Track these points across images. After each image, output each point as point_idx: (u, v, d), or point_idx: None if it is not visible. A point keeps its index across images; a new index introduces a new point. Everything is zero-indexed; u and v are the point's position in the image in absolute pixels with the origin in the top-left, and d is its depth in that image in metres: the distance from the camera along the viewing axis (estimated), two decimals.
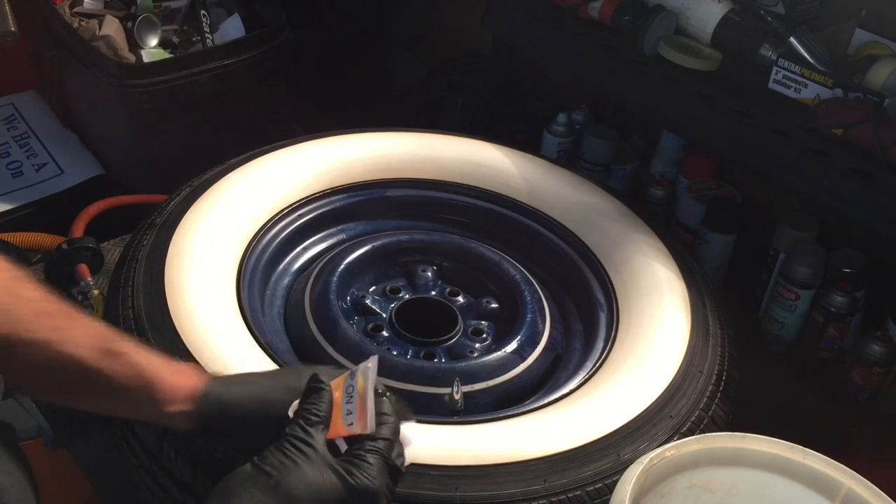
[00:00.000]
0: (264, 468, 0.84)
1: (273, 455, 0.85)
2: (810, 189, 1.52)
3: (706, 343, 1.32)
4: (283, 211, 1.51)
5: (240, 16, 2.17)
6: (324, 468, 0.85)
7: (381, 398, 0.95)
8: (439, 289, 1.52)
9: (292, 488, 0.83)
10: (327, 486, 0.85)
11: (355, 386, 0.93)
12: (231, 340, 1.22)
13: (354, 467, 0.87)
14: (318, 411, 0.90)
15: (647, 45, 1.72)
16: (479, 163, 1.65)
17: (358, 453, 0.88)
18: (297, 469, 0.84)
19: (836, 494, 1.06)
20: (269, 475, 0.84)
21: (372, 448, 0.89)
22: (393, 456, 0.91)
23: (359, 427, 0.91)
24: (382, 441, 0.90)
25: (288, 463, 0.85)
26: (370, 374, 0.95)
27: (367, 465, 0.87)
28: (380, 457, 0.89)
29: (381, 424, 0.92)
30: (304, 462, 0.85)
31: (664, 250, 1.48)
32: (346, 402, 0.92)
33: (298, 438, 0.87)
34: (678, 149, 1.96)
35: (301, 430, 0.88)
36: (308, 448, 0.86)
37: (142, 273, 1.30)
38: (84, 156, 2.20)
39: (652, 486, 1.05)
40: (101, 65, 1.98)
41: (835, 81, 1.52)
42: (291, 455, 0.85)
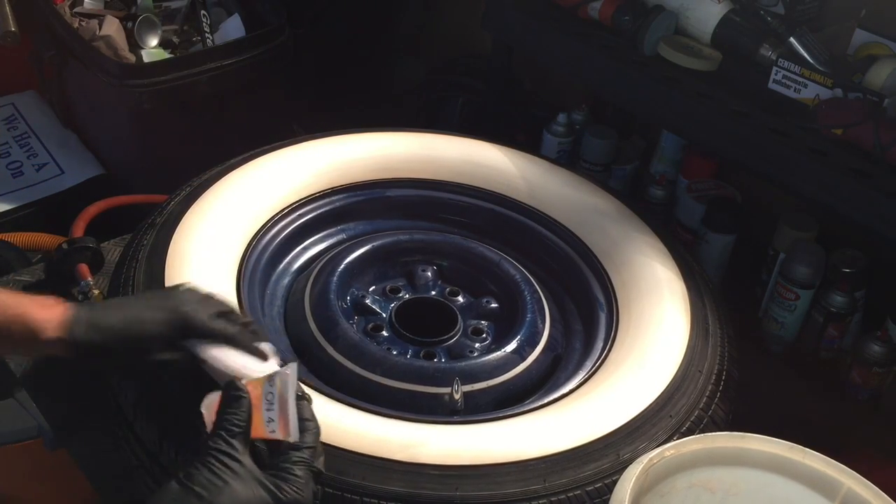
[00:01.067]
0: (193, 488, 0.84)
1: (200, 473, 0.85)
2: (810, 189, 1.52)
3: (706, 343, 1.32)
4: (283, 211, 1.51)
5: (240, 16, 2.17)
6: (253, 484, 0.86)
7: (302, 402, 0.95)
8: (439, 289, 1.52)
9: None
10: (258, 501, 0.85)
11: (275, 392, 0.93)
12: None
13: (283, 481, 0.87)
14: (238, 421, 0.89)
15: (647, 45, 1.72)
16: (479, 163, 1.65)
17: (285, 466, 0.89)
18: (227, 487, 0.84)
19: (836, 494, 1.06)
20: (199, 496, 0.83)
21: (298, 459, 0.90)
22: (316, 461, 0.92)
23: (281, 434, 0.91)
24: (307, 450, 0.91)
25: (217, 482, 0.84)
26: (290, 381, 0.94)
27: (296, 479, 0.88)
28: (306, 467, 0.90)
29: (304, 431, 0.92)
30: (233, 479, 0.85)
31: (664, 250, 1.48)
32: (267, 409, 0.92)
33: (223, 453, 0.87)
34: (678, 149, 1.96)
35: (224, 443, 0.88)
36: (234, 463, 0.86)
37: (142, 273, 1.30)
38: (84, 156, 2.20)
39: (652, 485, 1.05)
40: (101, 65, 1.98)
41: (835, 81, 1.52)
42: (219, 472, 0.85)
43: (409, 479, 1.07)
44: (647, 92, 1.71)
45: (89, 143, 2.23)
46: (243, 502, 0.84)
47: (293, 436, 0.91)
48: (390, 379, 1.28)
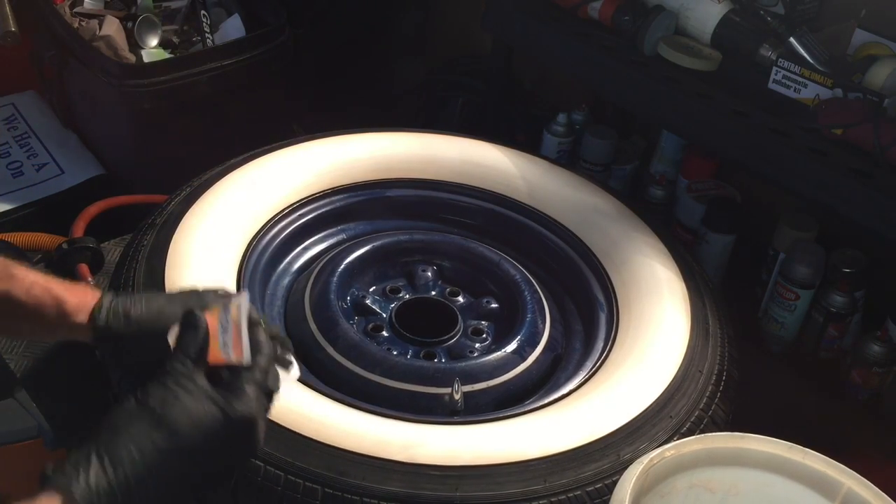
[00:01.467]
0: (149, 402, 0.89)
1: (156, 390, 0.90)
2: (810, 189, 1.52)
3: (706, 343, 1.32)
4: (284, 211, 1.52)
5: (240, 16, 2.17)
6: (204, 400, 0.90)
7: (256, 327, 1.00)
8: (439, 289, 1.52)
9: (176, 420, 0.88)
10: (208, 416, 0.90)
11: (229, 318, 0.99)
12: None
13: (233, 396, 0.92)
14: (194, 344, 0.95)
15: (647, 45, 1.72)
16: (479, 163, 1.65)
17: (236, 383, 0.93)
18: (179, 402, 0.89)
19: (836, 494, 1.06)
20: (153, 410, 0.88)
21: (249, 378, 0.94)
22: (269, 382, 0.96)
23: (234, 356, 0.96)
24: (258, 370, 0.95)
25: (169, 397, 0.89)
26: (243, 306, 1.00)
27: (244, 394, 0.92)
28: (255, 385, 0.94)
29: (256, 353, 0.97)
30: (185, 395, 0.90)
31: (664, 250, 1.48)
32: (223, 333, 0.97)
33: (178, 372, 0.92)
34: (678, 149, 1.96)
35: (180, 364, 0.93)
36: (187, 381, 0.91)
37: (142, 273, 1.30)
38: (84, 156, 2.20)
39: (652, 485, 1.05)
40: (101, 65, 1.98)
41: (834, 81, 1.52)
42: (173, 389, 0.90)
43: (409, 479, 1.07)
44: (647, 92, 1.71)
45: (89, 143, 2.23)
46: (193, 416, 0.89)
47: (246, 358, 0.96)
48: (390, 379, 1.28)
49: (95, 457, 0.85)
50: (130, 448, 0.86)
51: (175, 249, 1.33)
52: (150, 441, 0.87)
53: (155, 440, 0.87)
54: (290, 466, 1.06)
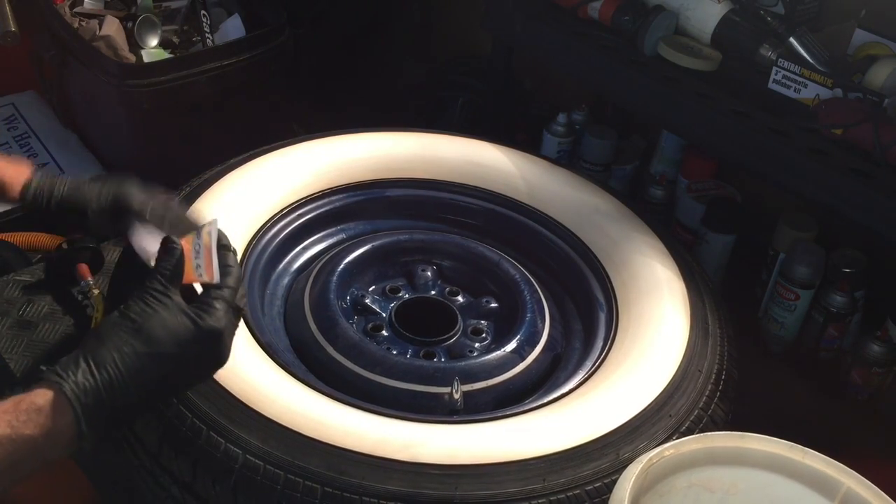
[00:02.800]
0: (130, 315, 1.01)
1: (136, 304, 1.02)
2: (810, 189, 1.52)
3: (706, 343, 1.32)
4: (283, 211, 1.52)
5: (240, 16, 2.17)
6: (178, 313, 1.02)
7: (226, 252, 1.11)
8: (439, 288, 1.52)
9: (153, 330, 1.00)
10: (182, 327, 1.01)
11: (202, 243, 1.10)
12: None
13: (203, 311, 1.03)
14: (170, 266, 1.05)
15: (647, 45, 1.72)
16: (479, 163, 1.65)
17: (206, 300, 1.04)
18: (157, 315, 1.01)
19: (836, 494, 1.06)
20: (133, 321, 1.00)
21: (218, 295, 1.05)
22: (237, 299, 1.07)
23: (207, 277, 1.07)
24: (227, 289, 1.06)
25: (148, 310, 1.01)
26: (213, 232, 1.11)
27: (214, 310, 1.03)
28: (223, 302, 1.04)
29: (225, 275, 1.08)
30: (162, 309, 1.01)
31: (664, 250, 1.48)
32: (195, 257, 1.08)
33: (156, 290, 1.03)
34: (678, 149, 1.96)
35: (158, 283, 1.04)
36: (165, 297, 1.02)
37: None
38: (84, 156, 2.20)
39: (651, 485, 1.05)
40: (101, 65, 1.98)
41: (834, 81, 1.52)
42: (151, 304, 1.02)
43: (409, 479, 1.07)
44: (647, 92, 1.71)
45: (89, 143, 2.23)
46: (168, 326, 1.00)
47: (216, 278, 1.07)
48: (390, 379, 1.28)
49: (83, 360, 0.97)
50: (113, 353, 0.98)
51: None
52: (130, 347, 0.98)
53: (134, 346, 0.99)
54: (290, 465, 1.06)
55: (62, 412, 0.94)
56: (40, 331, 1.52)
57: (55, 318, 1.54)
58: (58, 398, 0.94)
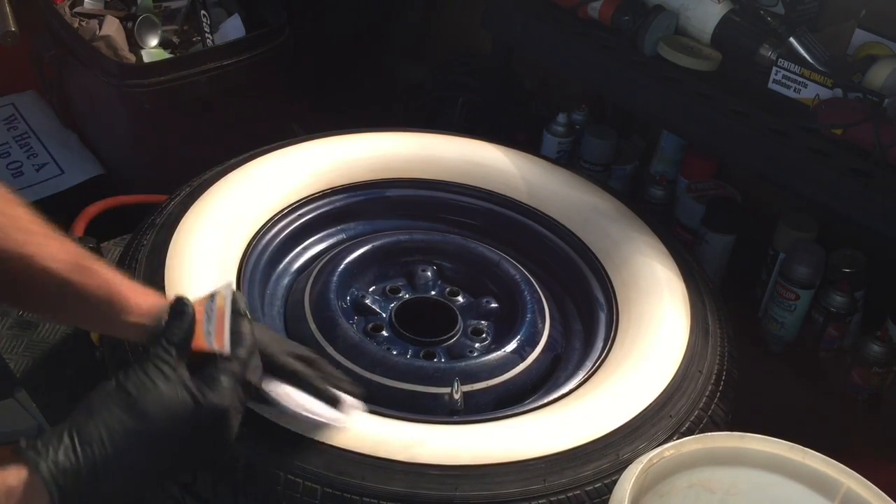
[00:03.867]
0: (126, 386, 0.91)
1: (135, 373, 0.92)
2: (810, 189, 1.52)
3: (706, 343, 1.32)
4: (283, 211, 1.52)
5: (240, 16, 2.17)
6: (179, 387, 0.92)
7: (241, 319, 1.01)
8: (439, 289, 1.52)
9: (148, 407, 0.90)
10: (180, 404, 0.91)
11: (214, 308, 1.00)
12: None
13: (206, 386, 0.93)
14: (178, 331, 0.97)
15: (647, 45, 1.72)
16: (479, 163, 1.65)
17: (211, 373, 0.95)
18: (155, 388, 0.91)
19: (836, 494, 1.06)
20: (128, 394, 0.90)
21: (224, 368, 0.96)
22: (247, 374, 0.98)
23: (216, 345, 0.97)
24: (236, 361, 0.97)
25: (147, 382, 0.91)
26: (228, 296, 1.02)
27: (218, 385, 0.94)
28: (230, 376, 0.95)
29: (237, 344, 0.98)
30: (162, 382, 0.92)
31: (664, 250, 1.48)
32: (207, 322, 0.99)
33: (159, 358, 0.94)
34: (678, 149, 1.96)
35: (163, 350, 0.95)
36: (167, 367, 0.93)
37: (142, 273, 1.30)
38: (84, 156, 2.20)
39: (651, 485, 1.05)
40: (101, 65, 1.98)
41: (834, 81, 1.52)
42: (151, 374, 0.92)
43: (409, 479, 1.07)
44: (647, 92, 1.71)
45: (89, 143, 2.23)
46: (166, 402, 0.91)
47: (226, 348, 0.97)
48: (390, 379, 1.28)
49: (67, 435, 0.87)
50: (101, 430, 0.87)
51: (175, 249, 1.33)
52: (120, 424, 0.88)
53: (125, 423, 0.88)
54: (290, 466, 1.06)
55: (37, 496, 0.83)
56: (40, 331, 1.52)
57: None
58: (33, 479, 0.83)
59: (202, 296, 1.03)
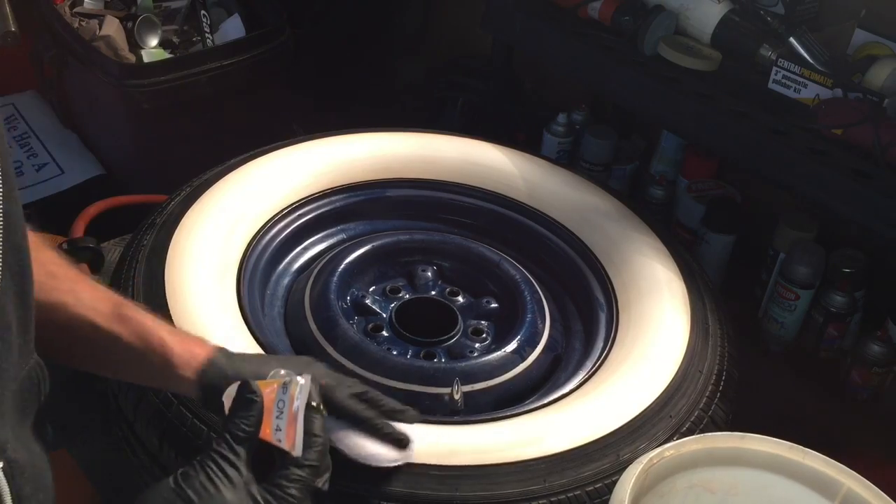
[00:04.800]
0: (186, 491, 0.82)
1: (197, 476, 0.84)
2: (810, 189, 1.52)
3: (706, 343, 1.32)
4: (283, 211, 1.51)
5: (240, 16, 2.17)
6: (245, 497, 0.84)
7: (314, 416, 0.92)
8: (439, 289, 1.51)
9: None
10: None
11: (286, 401, 0.91)
12: (231, 340, 1.21)
13: (275, 499, 0.85)
14: (246, 426, 0.88)
15: (647, 45, 1.72)
16: (479, 163, 1.65)
17: (281, 483, 0.86)
18: (219, 496, 0.83)
19: (836, 494, 1.06)
20: (189, 501, 0.82)
21: (296, 477, 0.87)
22: (317, 481, 0.89)
23: (287, 444, 0.89)
24: (308, 468, 0.88)
25: (210, 487, 0.83)
26: (303, 391, 0.92)
27: (289, 498, 0.86)
28: (303, 486, 0.87)
29: (308, 447, 0.89)
30: (226, 488, 0.83)
31: (664, 250, 1.48)
32: (277, 417, 0.90)
33: (224, 458, 0.85)
34: (678, 149, 1.96)
35: (228, 448, 0.86)
36: (232, 470, 0.85)
37: (142, 273, 1.30)
38: (84, 156, 2.20)
39: (652, 485, 1.05)
40: (101, 65, 1.98)
41: (834, 81, 1.52)
42: (215, 479, 0.83)
43: (409, 479, 1.07)
44: (647, 92, 1.71)
45: (89, 143, 2.23)
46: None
47: (297, 450, 0.89)
48: (390, 379, 1.27)
49: None
50: None
51: (175, 249, 1.33)
52: None
53: None
54: None
55: None
56: None
57: None
58: None
59: (271, 377, 0.94)
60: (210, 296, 1.28)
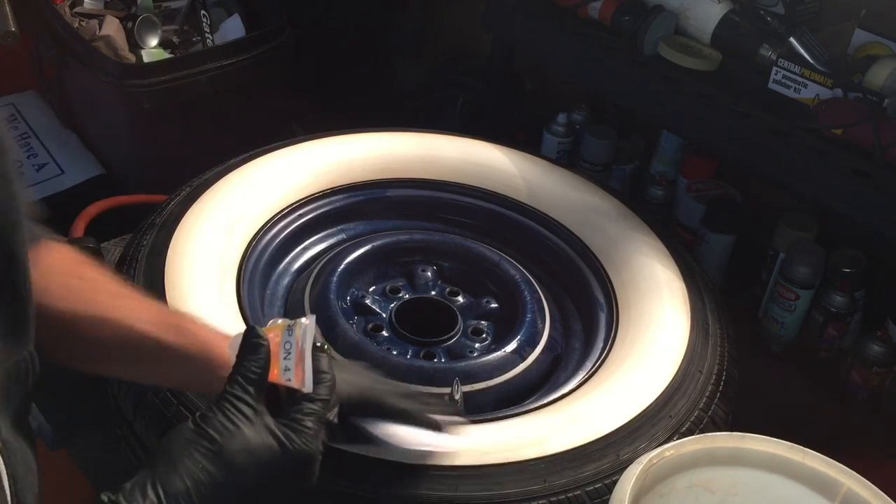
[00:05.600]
0: (207, 431, 0.85)
1: (215, 417, 0.86)
2: (810, 189, 1.52)
3: (706, 343, 1.32)
4: (283, 211, 1.51)
5: (240, 16, 2.17)
6: (264, 432, 0.87)
7: (319, 355, 0.95)
8: (439, 289, 1.52)
9: (234, 455, 0.85)
10: (268, 451, 0.87)
11: (293, 342, 0.93)
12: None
13: (293, 432, 0.88)
14: (256, 368, 0.90)
15: (647, 45, 1.72)
16: (479, 163, 1.65)
17: (297, 417, 0.89)
18: (239, 433, 0.86)
19: (836, 494, 1.06)
20: (211, 440, 0.85)
21: (310, 411, 0.90)
22: (329, 414, 0.93)
23: (296, 382, 0.92)
24: (320, 402, 0.91)
25: (230, 426, 0.86)
26: (308, 331, 0.94)
27: (305, 430, 0.89)
28: (317, 418, 0.90)
29: (318, 383, 0.93)
30: (245, 425, 0.86)
31: (664, 250, 1.48)
32: (284, 358, 0.92)
33: (239, 398, 0.88)
34: (678, 149, 1.96)
35: (241, 388, 0.89)
36: (248, 409, 0.87)
37: (142, 273, 1.30)
38: (84, 156, 2.20)
39: (651, 485, 1.05)
40: (101, 65, 1.98)
41: (834, 81, 1.52)
42: (233, 417, 0.86)
43: (410, 479, 1.07)
44: (647, 92, 1.71)
45: (89, 143, 2.23)
46: (252, 449, 0.86)
47: (307, 387, 0.91)
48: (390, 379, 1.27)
49: (151, 489, 0.82)
50: (187, 482, 0.83)
51: (175, 249, 1.33)
52: (206, 475, 0.84)
53: (212, 474, 0.84)
54: None
55: None
56: None
57: None
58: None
59: (277, 323, 0.96)
60: (210, 296, 1.28)
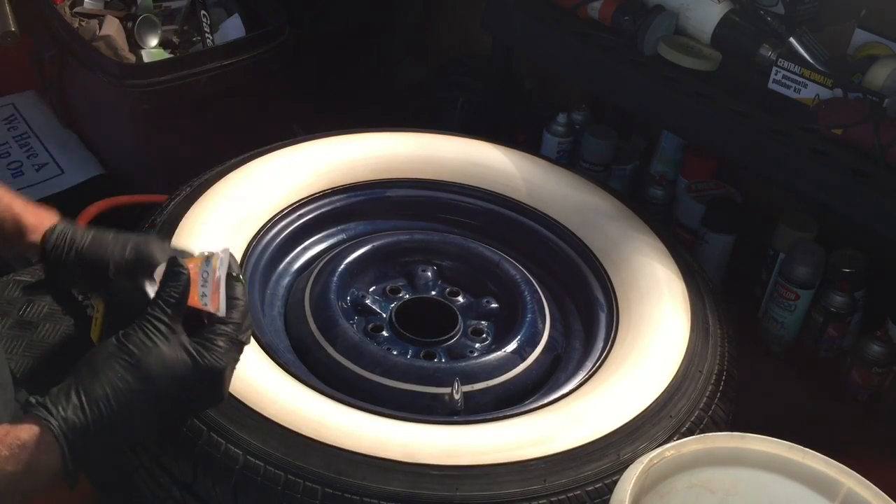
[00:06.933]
0: (127, 345, 0.97)
1: (136, 334, 0.97)
2: (810, 189, 1.52)
3: (706, 343, 1.32)
4: (283, 211, 1.52)
5: (240, 16, 2.17)
6: (178, 349, 0.98)
7: (234, 283, 1.06)
8: (439, 289, 1.52)
9: (150, 367, 0.96)
10: (180, 364, 0.97)
11: (210, 271, 1.04)
12: None
13: (205, 349, 0.99)
14: (175, 293, 1.00)
15: (647, 45, 1.72)
16: (479, 163, 1.65)
17: (209, 336, 1.00)
18: (156, 349, 0.97)
19: (836, 494, 1.06)
20: (131, 353, 0.96)
21: (222, 332, 1.01)
22: (241, 336, 1.03)
23: (212, 307, 1.02)
24: (231, 325, 1.02)
25: (148, 342, 0.97)
26: (224, 262, 1.06)
27: (216, 347, 0.99)
28: (227, 338, 1.01)
29: (231, 308, 1.03)
30: (162, 342, 0.97)
31: (664, 250, 1.48)
32: (202, 285, 1.03)
33: (158, 319, 0.98)
34: (678, 149, 1.96)
35: (160, 310, 0.99)
36: (166, 328, 0.98)
37: None
38: (84, 156, 2.20)
39: (652, 485, 1.05)
40: (101, 65, 1.98)
41: (834, 81, 1.52)
42: (151, 335, 0.97)
43: (409, 479, 1.07)
44: (647, 92, 1.71)
45: (89, 143, 2.23)
46: (167, 362, 0.96)
47: (221, 310, 1.02)
48: (390, 379, 1.28)
49: (74, 394, 0.93)
50: (106, 388, 0.94)
51: None
52: (124, 383, 0.95)
53: (129, 382, 0.95)
54: (290, 466, 1.06)
55: (48, 450, 0.91)
56: (40, 331, 1.52)
57: (55, 318, 1.54)
58: (44, 435, 0.91)
59: (197, 255, 1.07)
60: None
